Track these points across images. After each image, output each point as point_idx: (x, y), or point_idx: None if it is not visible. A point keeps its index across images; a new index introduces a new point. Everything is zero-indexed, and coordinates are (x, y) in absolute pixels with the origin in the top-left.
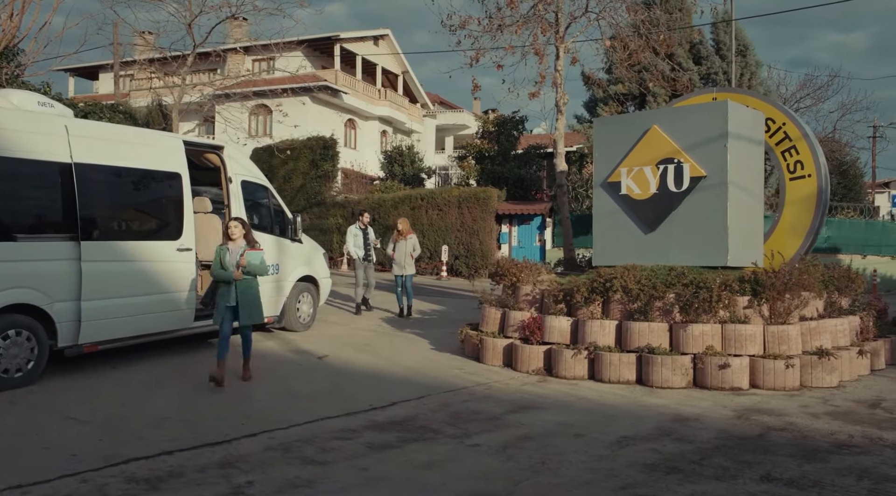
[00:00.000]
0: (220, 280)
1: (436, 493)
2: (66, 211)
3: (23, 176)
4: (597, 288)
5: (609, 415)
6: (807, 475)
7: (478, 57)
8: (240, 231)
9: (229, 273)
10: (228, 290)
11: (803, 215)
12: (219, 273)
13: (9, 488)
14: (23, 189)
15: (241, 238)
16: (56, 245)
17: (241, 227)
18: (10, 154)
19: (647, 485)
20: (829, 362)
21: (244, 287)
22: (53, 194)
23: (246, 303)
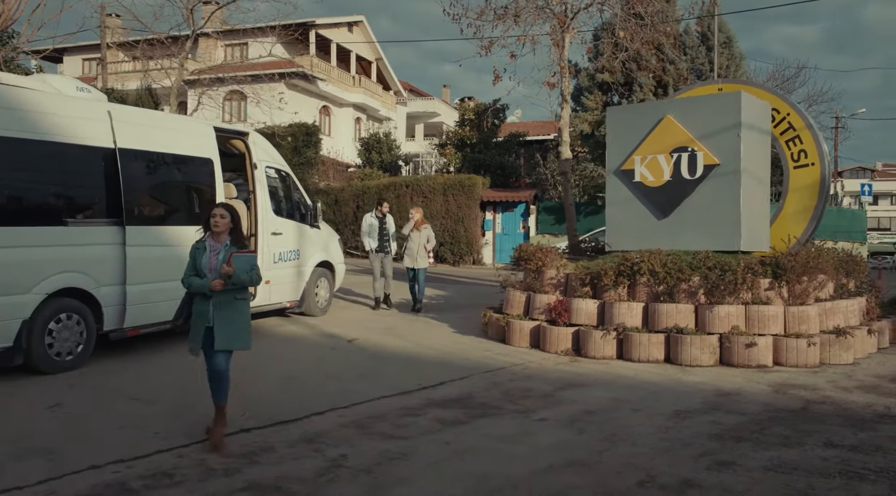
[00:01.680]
0: (192, 290)
1: (528, 463)
2: (112, 196)
3: (70, 161)
4: (624, 271)
5: (654, 392)
6: (864, 442)
7: (490, 46)
8: (226, 223)
9: (205, 282)
10: (206, 306)
11: (807, 202)
12: (191, 281)
13: (111, 462)
14: (70, 174)
15: (226, 232)
16: (102, 229)
17: (230, 216)
18: (58, 139)
19: (724, 452)
20: (845, 340)
21: (225, 302)
22: (99, 179)
23: (224, 320)
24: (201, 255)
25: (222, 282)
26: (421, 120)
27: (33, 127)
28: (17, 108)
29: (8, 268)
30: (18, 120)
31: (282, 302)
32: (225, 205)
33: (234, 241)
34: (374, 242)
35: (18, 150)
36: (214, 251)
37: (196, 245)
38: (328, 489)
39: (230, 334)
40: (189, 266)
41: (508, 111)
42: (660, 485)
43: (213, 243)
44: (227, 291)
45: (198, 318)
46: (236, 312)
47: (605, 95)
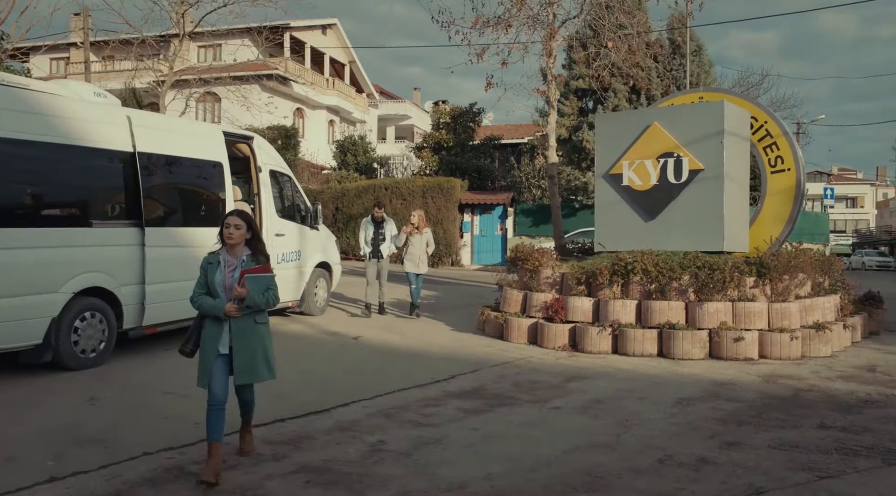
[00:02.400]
0: (205, 313)
1: (554, 445)
2: (131, 198)
3: (94, 164)
4: (618, 270)
5: (655, 382)
6: (854, 423)
7: (482, 53)
8: (241, 234)
9: (220, 303)
10: (219, 329)
11: (783, 205)
12: (202, 301)
13: (162, 450)
14: (94, 177)
15: (242, 244)
16: (123, 231)
17: (246, 225)
18: (84, 143)
19: (730, 434)
20: (824, 335)
21: (244, 327)
22: (120, 182)
23: (246, 349)
24: (214, 271)
25: (238, 307)
26: (392, 122)
27: (62, 132)
28: (47, 114)
29: (39, 268)
30: (49, 125)
31: (284, 302)
32: (239, 212)
33: (253, 255)
34: (368, 247)
35: (49, 154)
36: (230, 266)
37: (208, 259)
38: (376, 469)
39: (253, 366)
40: (199, 282)
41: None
42: (678, 462)
43: (229, 257)
44: (246, 315)
45: (208, 344)
46: (257, 339)
47: (581, 101)
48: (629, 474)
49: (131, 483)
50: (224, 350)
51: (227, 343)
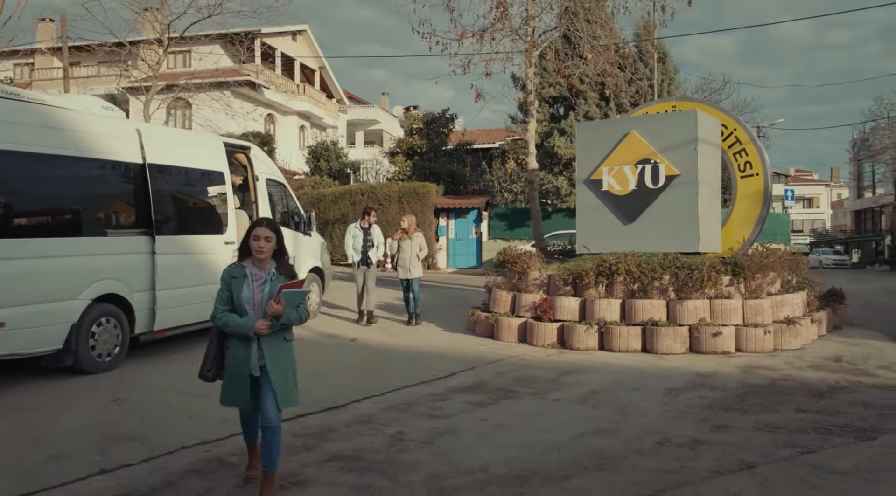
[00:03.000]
0: (232, 332)
1: (560, 432)
2: (143, 208)
3: (108, 176)
4: (603, 271)
5: (643, 375)
6: (826, 407)
7: (468, 64)
8: (272, 247)
9: (249, 321)
10: (247, 350)
11: (752, 208)
12: (227, 319)
13: (198, 444)
14: (108, 188)
15: (269, 257)
16: (135, 239)
17: (275, 236)
18: (97, 155)
19: (718, 419)
20: (794, 329)
21: (275, 345)
22: (132, 192)
23: (281, 371)
24: (240, 286)
25: (270, 324)
26: (361, 127)
27: (78, 145)
28: (63, 128)
29: (59, 276)
30: (66, 139)
31: None
32: (268, 221)
33: (280, 268)
34: (357, 255)
35: (67, 166)
36: (258, 280)
37: (231, 272)
38: (402, 456)
39: (288, 388)
40: (221, 298)
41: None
42: (676, 443)
43: (256, 271)
44: (275, 332)
45: (236, 366)
46: (289, 359)
47: (552, 107)
48: (633, 455)
49: (178, 474)
50: (255, 372)
51: (257, 365)
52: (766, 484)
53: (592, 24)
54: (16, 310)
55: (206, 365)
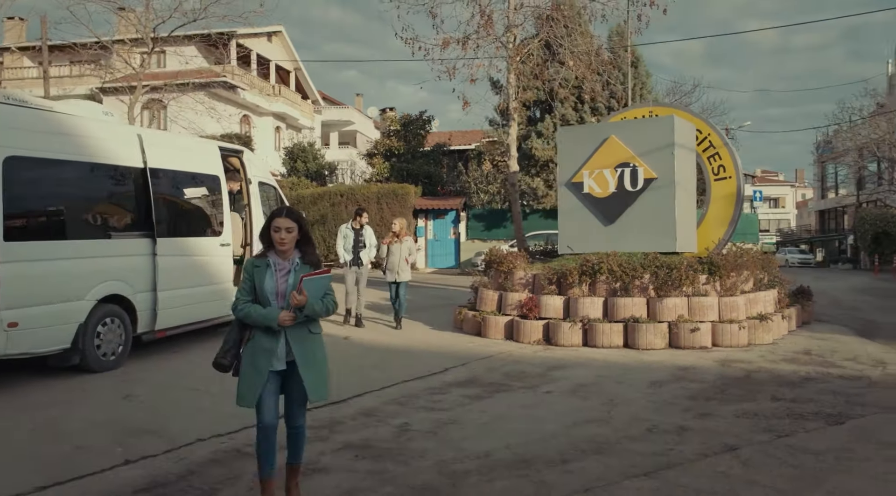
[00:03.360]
0: (255, 323)
1: (555, 422)
2: (144, 211)
3: (112, 180)
4: (586, 271)
5: (627, 369)
6: (800, 395)
7: (454, 71)
8: (294, 237)
9: (273, 312)
10: (273, 343)
11: (726, 209)
12: (250, 310)
13: (213, 436)
14: (113, 192)
15: (292, 247)
16: (137, 241)
17: (297, 227)
18: (103, 160)
19: (701, 407)
20: (767, 324)
21: (301, 337)
22: (134, 196)
23: (309, 363)
24: (263, 275)
25: (293, 316)
26: (336, 128)
27: (85, 151)
28: (71, 134)
29: (68, 278)
30: (74, 144)
31: None
32: (289, 210)
33: (305, 258)
34: (349, 255)
35: (75, 171)
36: (282, 270)
37: (254, 262)
38: (410, 445)
39: (317, 381)
40: (243, 289)
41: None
42: (663, 430)
43: (279, 260)
44: (299, 324)
45: (259, 358)
46: (317, 350)
47: (528, 110)
48: (625, 441)
49: (199, 463)
50: (280, 365)
51: (283, 357)
52: (748, 463)
53: (571, 31)
54: (28, 310)
55: (223, 350)
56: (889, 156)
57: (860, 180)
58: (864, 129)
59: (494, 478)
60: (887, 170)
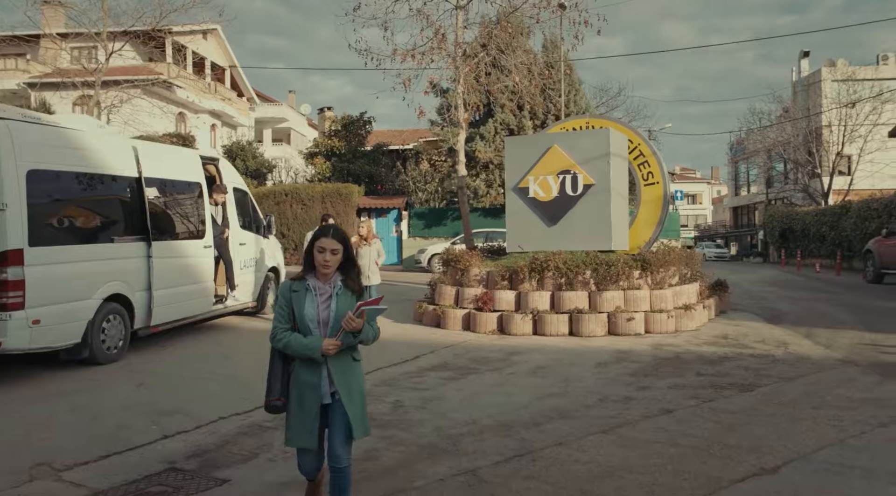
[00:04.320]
0: (295, 354)
1: (523, 396)
2: (140, 216)
3: (114, 189)
4: (535, 267)
5: (575, 353)
6: (719, 371)
7: (409, 82)
8: (338, 259)
9: (315, 341)
10: (316, 377)
11: (654, 212)
12: (290, 340)
13: (233, 415)
14: (115, 199)
15: (335, 270)
16: (135, 245)
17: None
18: (106, 171)
19: (641, 382)
20: (691, 314)
21: (345, 367)
22: (132, 203)
23: (353, 396)
24: (302, 301)
25: (338, 344)
26: (269, 125)
27: (90, 162)
28: (78, 147)
29: (79, 279)
30: (81, 157)
31: (246, 302)
32: (335, 231)
33: (348, 282)
34: None
35: (83, 181)
36: (323, 295)
37: (292, 286)
38: (407, 416)
39: (362, 415)
40: (281, 316)
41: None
42: (612, 400)
43: (319, 284)
44: (343, 352)
45: (307, 395)
46: (360, 381)
47: (471, 114)
48: (582, 409)
49: (230, 436)
50: (326, 400)
51: (327, 391)
52: (681, 421)
53: (514, 47)
54: (48, 308)
55: (273, 390)
56: (794, 157)
57: (769, 179)
58: (772, 132)
59: (485, 438)
60: (792, 170)
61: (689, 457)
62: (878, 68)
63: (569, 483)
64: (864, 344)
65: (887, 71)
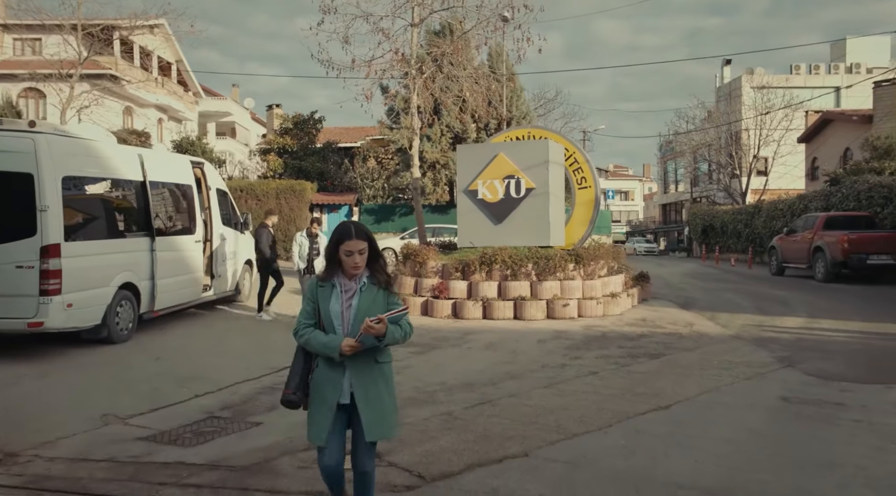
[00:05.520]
0: (314, 351)
1: (480, 363)
2: (145, 215)
3: (126, 191)
4: (485, 261)
5: (520, 333)
6: (636, 345)
7: (370, 95)
8: (364, 258)
9: (335, 340)
10: (338, 374)
11: (586, 212)
12: (311, 337)
13: (247, 380)
14: (126, 200)
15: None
16: (141, 240)
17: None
18: (119, 176)
19: (573, 353)
20: (616, 301)
21: (365, 368)
22: (139, 203)
23: (372, 399)
24: (328, 297)
25: (356, 345)
26: (213, 119)
27: (108, 169)
28: (97, 156)
29: (101, 269)
30: (100, 164)
31: (226, 291)
32: (357, 230)
33: (374, 277)
34: (303, 262)
35: (103, 185)
36: (348, 291)
37: (319, 282)
38: None
39: (382, 418)
40: (305, 312)
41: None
42: (551, 366)
43: (345, 281)
44: (366, 352)
45: (327, 391)
46: (383, 384)
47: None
48: (528, 372)
49: (250, 395)
50: (345, 399)
51: (347, 390)
52: (604, 379)
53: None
54: (78, 294)
55: (291, 384)
56: (716, 159)
57: (695, 179)
58: (698, 134)
59: (454, 393)
60: (715, 171)
61: (607, 401)
62: (789, 78)
63: (521, 418)
64: (752, 324)
65: (798, 80)
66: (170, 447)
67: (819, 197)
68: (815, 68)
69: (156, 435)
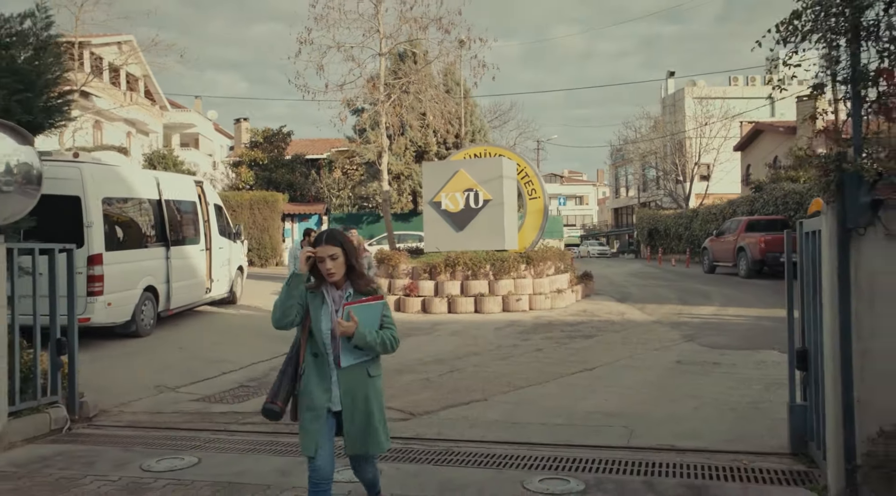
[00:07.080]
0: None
1: (447, 347)
2: (161, 228)
3: (147, 208)
4: (449, 263)
5: (480, 323)
6: (575, 329)
7: (345, 118)
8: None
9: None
10: (323, 382)
11: (536, 220)
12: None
13: (259, 361)
14: (147, 216)
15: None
16: (159, 249)
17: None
18: (142, 196)
19: (524, 337)
20: (562, 296)
21: (354, 380)
22: (157, 218)
23: (355, 413)
24: (319, 312)
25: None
26: (177, 130)
27: (133, 190)
28: (123, 180)
29: (130, 274)
30: (127, 187)
31: (222, 294)
32: (328, 236)
33: (356, 285)
34: None
35: (131, 204)
36: (336, 303)
37: (311, 292)
38: None
39: (367, 432)
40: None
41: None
42: (506, 346)
43: (335, 291)
44: (356, 366)
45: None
46: (373, 397)
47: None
48: (487, 352)
49: (265, 372)
50: (336, 407)
51: (337, 399)
52: (547, 353)
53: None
54: (114, 295)
55: (278, 397)
56: (662, 166)
57: (643, 184)
58: (645, 143)
59: (428, 365)
60: (661, 177)
61: (548, 367)
62: (727, 89)
63: (481, 379)
64: (673, 312)
65: (735, 91)
66: (219, 404)
67: (745, 202)
68: (752, 80)
69: (204, 397)
